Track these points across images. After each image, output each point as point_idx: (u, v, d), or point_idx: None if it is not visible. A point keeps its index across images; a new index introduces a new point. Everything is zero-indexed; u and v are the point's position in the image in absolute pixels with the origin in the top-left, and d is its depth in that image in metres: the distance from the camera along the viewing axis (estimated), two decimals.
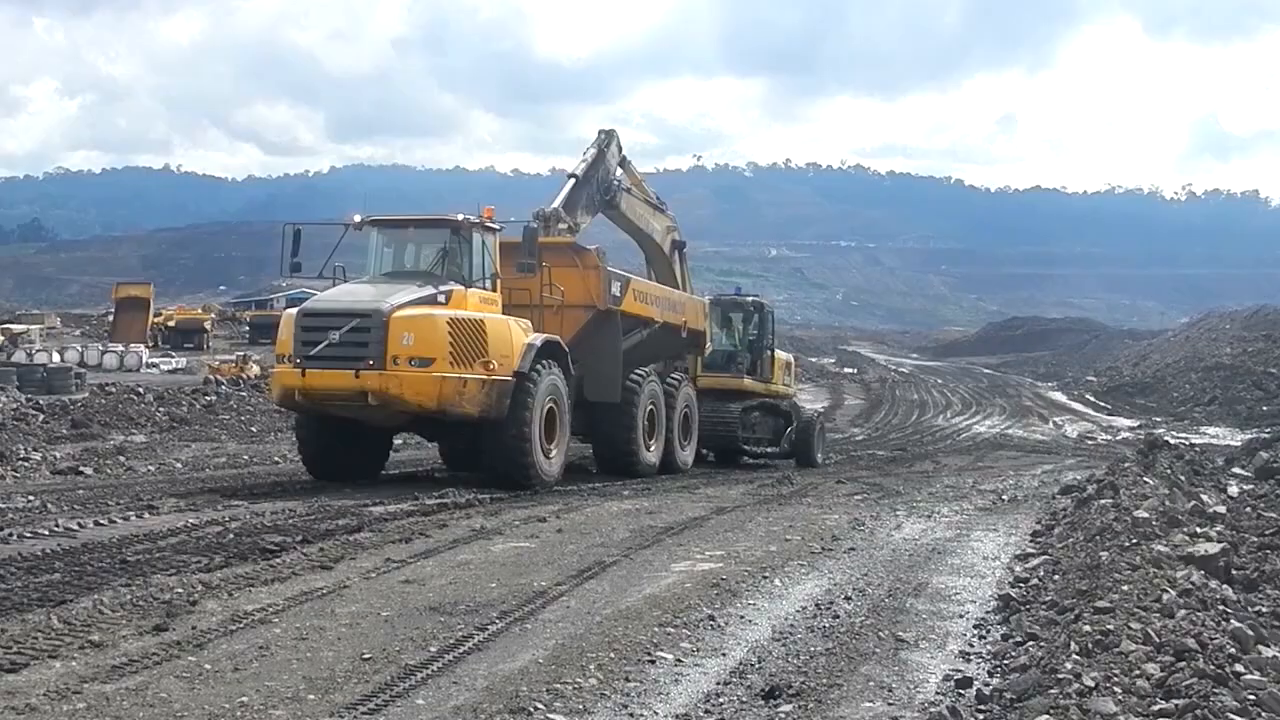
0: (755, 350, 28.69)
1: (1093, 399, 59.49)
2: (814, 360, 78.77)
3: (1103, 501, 13.88)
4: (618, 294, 21.27)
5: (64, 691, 6.66)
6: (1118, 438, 40.65)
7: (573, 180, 22.79)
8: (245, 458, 22.01)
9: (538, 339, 18.56)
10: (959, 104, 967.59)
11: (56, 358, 44.73)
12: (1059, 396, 61.91)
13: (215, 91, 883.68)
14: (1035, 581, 10.47)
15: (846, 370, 74.63)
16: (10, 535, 12.07)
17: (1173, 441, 23.15)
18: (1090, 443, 39.52)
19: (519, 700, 6.68)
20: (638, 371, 21.75)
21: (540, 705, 6.62)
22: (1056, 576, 10.31)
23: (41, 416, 24.16)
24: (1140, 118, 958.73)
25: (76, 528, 12.63)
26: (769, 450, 28.16)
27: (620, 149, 24.77)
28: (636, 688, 7.05)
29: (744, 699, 6.89)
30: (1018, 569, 11.42)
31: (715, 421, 26.32)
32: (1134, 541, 10.43)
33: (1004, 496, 19.12)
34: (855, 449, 34.80)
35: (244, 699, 6.63)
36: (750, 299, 30.10)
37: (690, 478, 22.86)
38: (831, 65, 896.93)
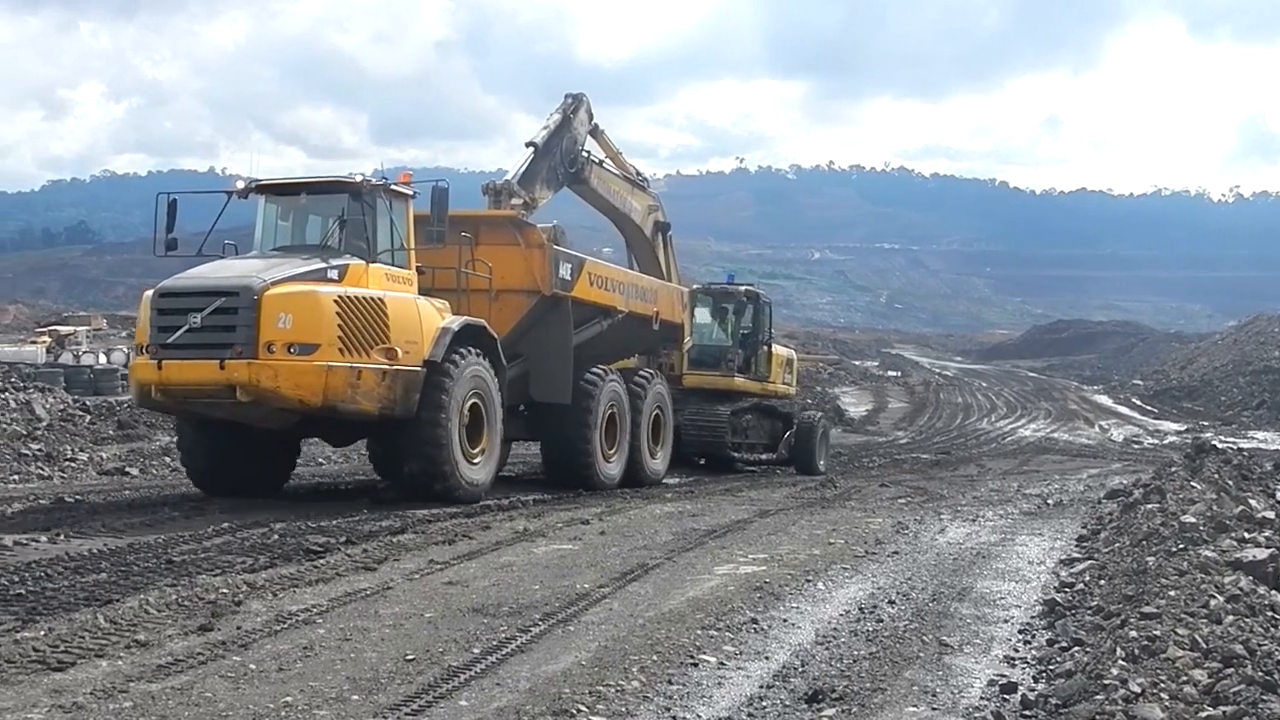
0: (749, 346, 26.45)
1: (1139, 403, 59.07)
2: (857, 363, 78.53)
3: (1149, 506, 13.77)
4: (568, 277, 18.55)
5: (110, 690, 6.70)
6: (1164, 442, 40.37)
7: (532, 150, 20.50)
8: None
9: (455, 322, 15.96)
10: (1003, 105, 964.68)
11: (103, 359, 45.04)
12: (1105, 400, 61.48)
13: (260, 94, 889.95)
14: (1081, 586, 10.40)
15: (890, 373, 74.25)
16: (58, 535, 12.19)
17: (1220, 446, 22.98)
18: (1136, 447, 39.29)
19: (561, 702, 6.67)
20: (595, 369, 19.14)
21: (583, 707, 6.61)
22: (1102, 581, 10.23)
23: (88, 417, 24.34)
24: (1186, 119, 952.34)
25: (123, 528, 12.74)
26: (763, 457, 26.36)
27: (591, 116, 22.28)
28: (679, 690, 7.04)
29: (787, 702, 6.87)
30: (1063, 574, 11.34)
31: (701, 425, 24.27)
32: (1181, 547, 10.34)
33: (1049, 501, 19.00)
34: (899, 452, 34.67)
35: (288, 699, 6.65)
36: (743, 288, 27.57)
37: (734, 480, 22.81)
38: (874, 67, 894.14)
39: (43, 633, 7.93)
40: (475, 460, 16.07)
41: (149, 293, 15.04)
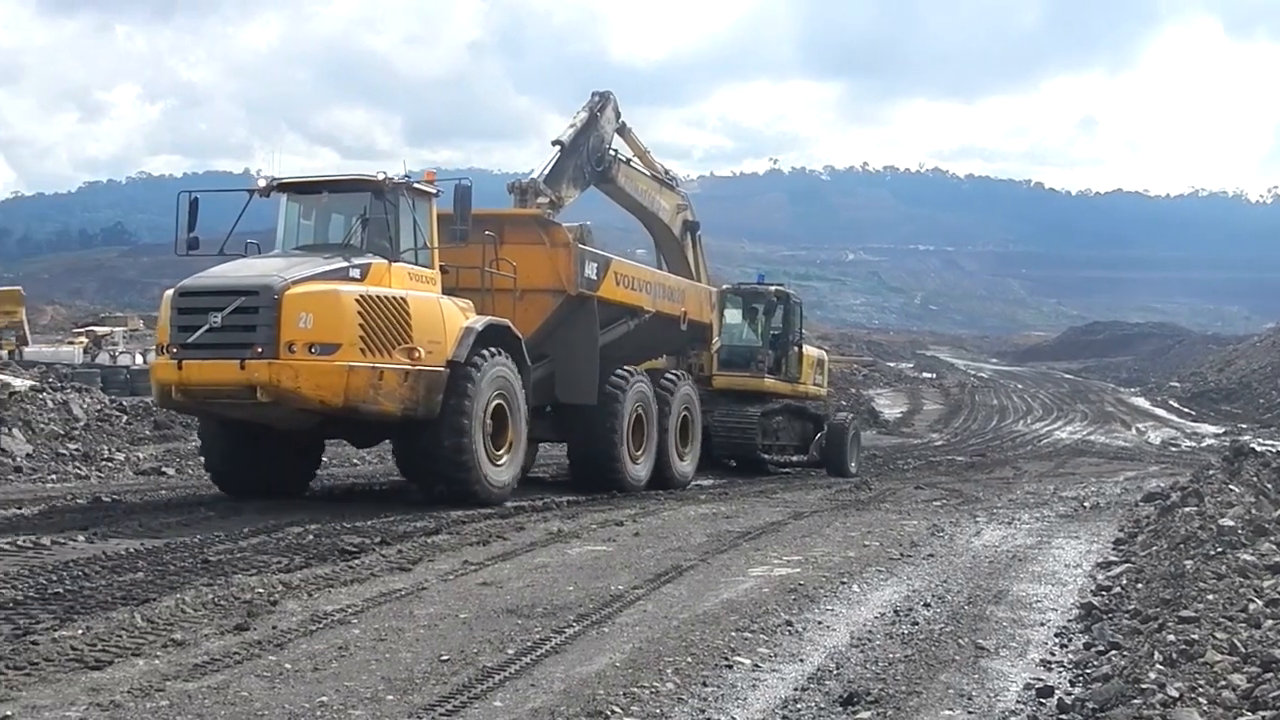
0: (779, 346, 26.05)
1: (1176, 405, 58.68)
2: (891, 365, 78.29)
3: (1187, 509, 13.67)
4: (594, 277, 18.36)
5: (147, 689, 6.74)
6: (1202, 444, 40.08)
7: (559, 148, 20.28)
8: (324, 459, 22.15)
9: (479, 322, 15.77)
10: (1038, 106, 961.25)
11: (139, 359, 45.23)
12: (1142, 402, 61.11)
13: (294, 96, 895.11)
14: (1118, 590, 10.33)
15: (925, 375, 74.02)
16: (95, 534, 12.27)
17: (1259, 448, 22.75)
18: (1174, 449, 39.04)
19: (596, 704, 6.67)
20: (622, 370, 18.95)
21: (617, 709, 6.60)
22: (1140, 585, 10.16)
23: (125, 417, 24.49)
24: (1223, 119, 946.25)
25: (159, 528, 12.82)
26: (794, 458, 26.11)
27: (619, 114, 22.15)
28: (714, 692, 7.03)
29: (822, 705, 6.84)
30: (1100, 577, 11.27)
31: (731, 426, 24.03)
32: (1219, 550, 10.26)
33: (1086, 503, 18.89)
34: (934, 455, 34.54)
35: (323, 699, 6.67)
36: (774, 288, 27.06)
37: (768, 482, 22.76)
38: (908, 67, 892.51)
39: (80, 631, 7.97)
40: (499, 462, 15.88)
41: (169, 292, 14.88)
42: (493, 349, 15.75)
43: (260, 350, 13.84)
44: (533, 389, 17.06)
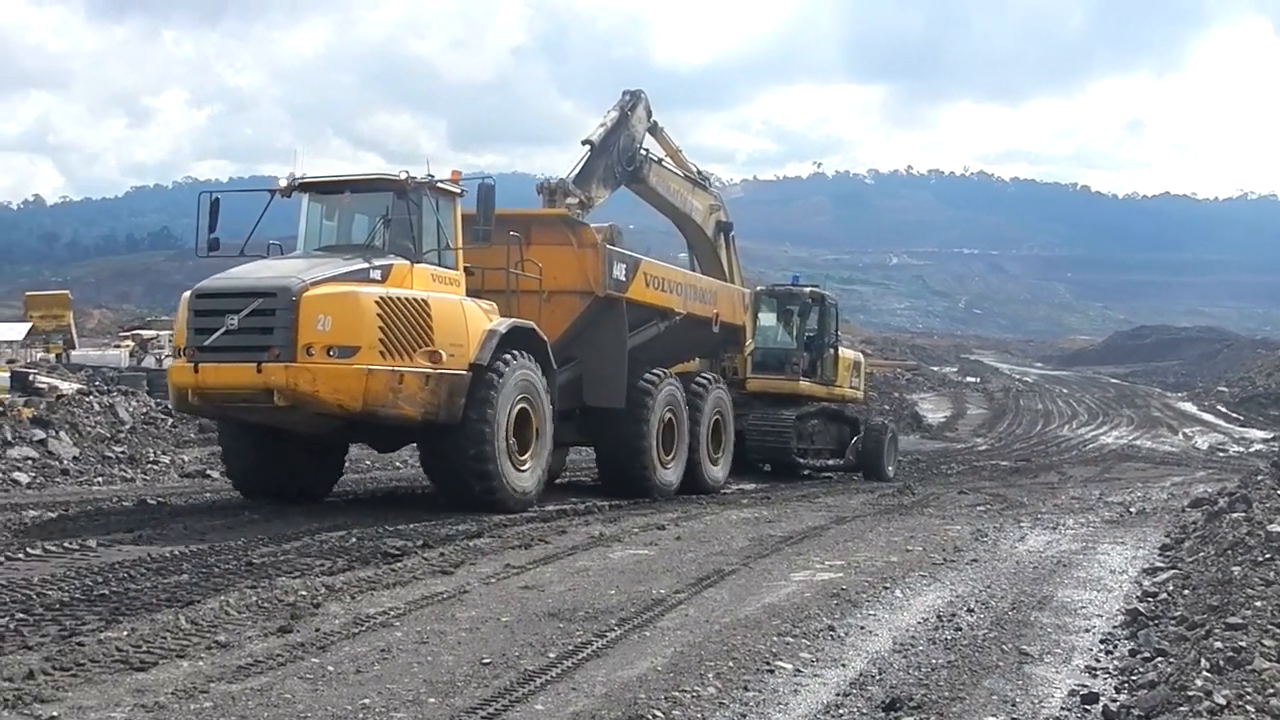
0: (815, 348, 25.74)
1: (1224, 410, 58.10)
2: (935, 369, 77.98)
3: (1235, 515, 13.53)
4: (622, 278, 17.98)
5: (191, 690, 6.77)
6: (1250, 450, 39.75)
7: (589, 148, 19.97)
8: (367, 463, 22.29)
9: (502, 324, 15.43)
10: (1084, 109, 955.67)
11: None
12: (1189, 407, 60.59)
13: (339, 101, 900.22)
14: (1164, 596, 10.23)
15: (969, 379, 73.69)
16: (141, 537, 12.36)
17: None
18: (1222, 455, 38.71)
19: (637, 708, 6.66)
20: (652, 372, 18.58)
21: (659, 713, 6.59)
22: (1186, 591, 10.07)
23: (170, 420, 24.65)
24: (1272, 121, 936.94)
25: (204, 530, 12.91)
26: (830, 462, 25.73)
27: (650, 113, 21.75)
28: (755, 697, 7.00)
29: (864, 710, 6.81)
30: (1146, 583, 11.17)
31: (766, 430, 23.71)
32: (1267, 556, 10.15)
33: (1132, 509, 18.74)
34: (978, 459, 34.37)
35: (365, 701, 6.69)
36: (809, 289, 26.72)
37: (811, 486, 22.70)
38: (953, 70, 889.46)
39: (126, 633, 8.04)
40: (523, 467, 15.53)
41: (186, 294, 14.62)
42: (517, 352, 15.46)
43: (277, 353, 13.54)
44: (560, 392, 16.84)
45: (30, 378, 27.29)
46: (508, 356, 15.21)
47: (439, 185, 15.51)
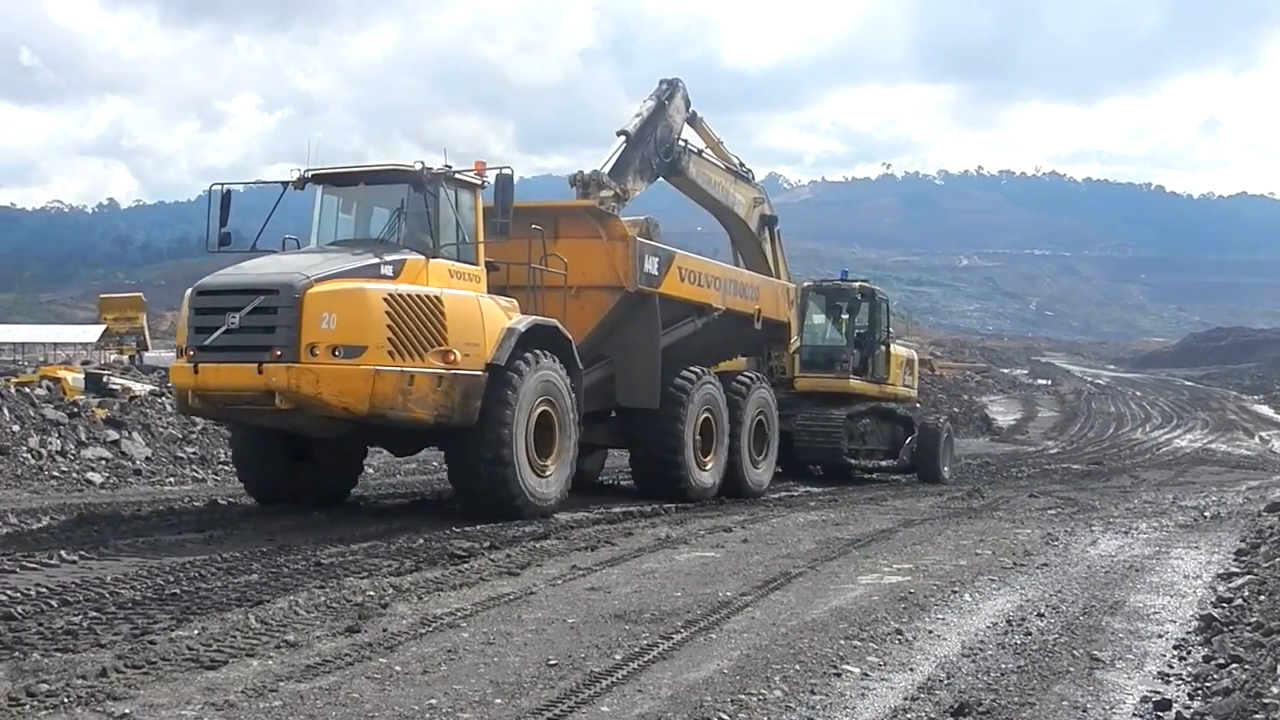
0: (865, 346, 24.99)
1: None
2: (1005, 372, 77.43)
3: None
4: (654, 272, 17.23)
5: (261, 689, 6.83)
6: None
7: (624, 139, 19.17)
8: (434, 464, 22.37)
9: (522, 323, 14.65)
10: (1159, 108, 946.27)
11: None
12: (1266, 410, 59.77)
13: (407, 104, 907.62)
14: (1239, 602, 10.07)
15: (1040, 381, 73.10)
16: (211, 536, 12.49)
17: None
18: None
19: (703, 710, 6.64)
20: (688, 371, 17.79)
21: (725, 716, 6.57)
22: (1263, 597, 9.91)
23: None
24: None
25: (273, 530, 13.03)
26: (883, 463, 25.06)
27: (688, 103, 21.00)
28: (822, 701, 6.96)
29: (932, 715, 6.75)
30: (1220, 588, 11.00)
31: (815, 430, 23.01)
32: None
33: (1206, 513, 18.46)
34: (1049, 462, 34.05)
35: (432, 701, 6.71)
36: (858, 284, 25.84)
37: (878, 489, 22.55)
38: (1024, 70, 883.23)
39: (196, 631, 8.11)
40: (545, 474, 14.83)
41: (189, 291, 13.99)
42: (539, 351, 14.74)
43: (279, 353, 12.82)
44: (591, 393, 16.31)
45: (104, 379, 27.73)
46: (528, 356, 14.53)
47: (457, 176, 14.79)
